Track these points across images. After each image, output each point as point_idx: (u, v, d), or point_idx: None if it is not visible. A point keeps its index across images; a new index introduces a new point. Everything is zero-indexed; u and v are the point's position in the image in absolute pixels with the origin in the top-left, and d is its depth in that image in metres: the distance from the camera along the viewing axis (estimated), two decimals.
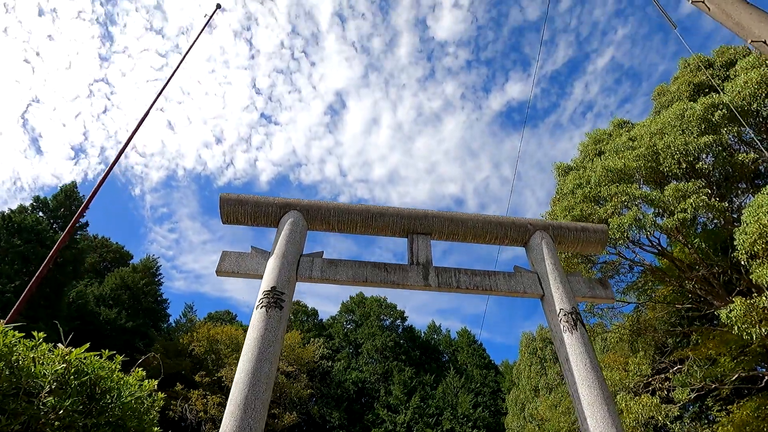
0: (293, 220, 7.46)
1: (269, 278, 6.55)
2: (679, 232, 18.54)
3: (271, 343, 5.84)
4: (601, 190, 17.64)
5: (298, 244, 7.23)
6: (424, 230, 7.84)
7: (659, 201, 16.36)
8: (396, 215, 7.80)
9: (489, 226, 7.91)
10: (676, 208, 15.67)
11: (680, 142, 17.05)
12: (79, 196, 36.28)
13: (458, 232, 7.88)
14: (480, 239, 8.01)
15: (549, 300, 7.03)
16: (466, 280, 7.22)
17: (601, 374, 6.14)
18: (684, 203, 15.45)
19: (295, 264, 6.94)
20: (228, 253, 7.16)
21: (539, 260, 7.56)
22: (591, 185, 18.56)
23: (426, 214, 7.88)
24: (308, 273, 6.96)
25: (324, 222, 7.70)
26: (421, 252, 7.55)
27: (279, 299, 6.31)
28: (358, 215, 7.71)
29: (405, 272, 7.19)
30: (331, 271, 7.03)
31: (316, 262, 7.11)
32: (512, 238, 7.99)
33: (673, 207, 15.88)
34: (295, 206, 7.67)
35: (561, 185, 21.83)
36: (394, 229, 7.83)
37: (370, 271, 7.11)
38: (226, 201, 7.58)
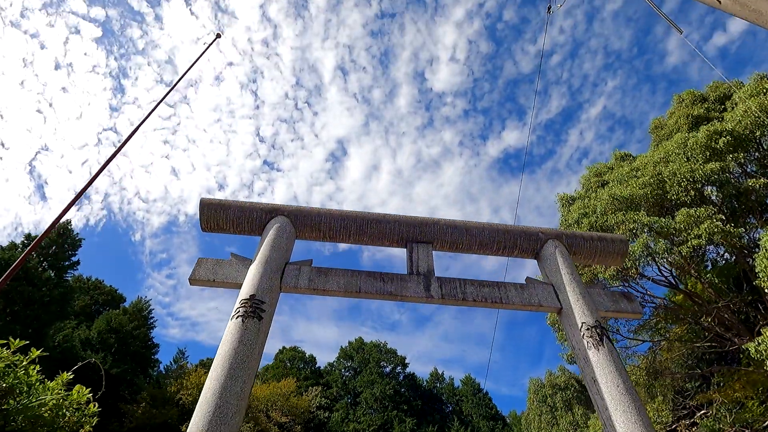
0: (280, 225, 6.74)
1: (248, 286, 5.74)
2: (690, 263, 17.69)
3: (246, 358, 4.94)
4: (608, 218, 16.98)
5: (284, 250, 6.47)
6: (424, 239, 7.09)
7: (670, 228, 15.64)
8: (394, 222, 7.08)
9: (496, 234, 7.17)
10: (689, 235, 14.93)
11: (686, 170, 16.60)
12: (72, 234, 35.62)
13: (462, 241, 7.13)
14: (486, 250, 7.24)
15: (568, 314, 6.16)
16: (473, 291, 6.39)
17: (637, 396, 5.18)
18: (698, 229, 14.73)
19: (279, 272, 6.14)
20: (204, 260, 6.37)
21: (554, 271, 6.76)
22: (597, 214, 17.92)
23: (427, 222, 7.17)
24: (294, 282, 6.14)
25: (314, 229, 6.98)
26: (421, 261, 6.77)
27: (258, 308, 5.47)
28: (352, 222, 7.00)
29: (404, 282, 6.37)
30: (320, 281, 6.22)
31: (304, 271, 6.31)
32: (522, 249, 7.22)
33: (686, 234, 15.15)
34: (282, 211, 6.98)
35: (565, 216, 21.21)
36: (392, 238, 7.08)
37: (365, 281, 6.29)
38: (207, 206, 6.90)
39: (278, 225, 6.74)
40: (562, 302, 6.33)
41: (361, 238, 7.07)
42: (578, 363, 5.86)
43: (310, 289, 6.13)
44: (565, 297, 6.32)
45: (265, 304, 5.58)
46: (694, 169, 16.46)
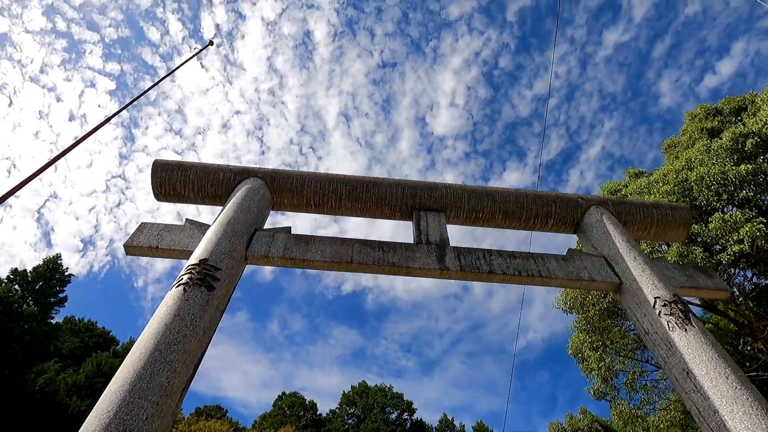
0: (251, 186, 5.31)
1: (201, 250, 4.23)
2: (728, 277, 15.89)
3: (182, 338, 3.36)
4: None
5: (254, 214, 4.99)
6: (435, 206, 5.61)
7: (705, 234, 14.04)
8: (396, 185, 5.64)
9: (525, 201, 5.69)
10: (729, 241, 13.30)
11: (716, 172, 15.21)
12: (61, 270, 34.05)
13: (483, 209, 5.64)
14: (513, 221, 5.73)
15: (632, 289, 4.56)
16: (501, 263, 4.82)
17: (758, 392, 3.51)
18: (737, 234, 13.12)
19: (245, 237, 4.64)
20: (149, 224, 4.89)
21: (603, 240, 5.21)
22: None
23: (438, 186, 5.72)
24: (265, 250, 4.62)
25: (295, 194, 5.52)
26: (432, 230, 5.25)
27: (209, 275, 3.93)
28: (343, 185, 5.56)
29: (410, 252, 4.83)
30: (298, 249, 4.69)
31: (279, 238, 4.81)
32: (558, 218, 5.71)
33: (724, 240, 13.52)
34: (255, 173, 5.57)
35: None
36: (394, 205, 5.60)
37: (358, 251, 4.76)
38: (161, 167, 5.50)
39: (249, 186, 5.31)
40: (622, 276, 4.74)
41: (355, 207, 5.59)
42: (656, 352, 4.20)
43: (286, 260, 4.60)
44: (625, 269, 4.74)
45: (221, 272, 4.05)
46: (725, 171, 15.07)
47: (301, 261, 4.61)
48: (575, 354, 19.82)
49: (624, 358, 20.06)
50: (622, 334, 19.62)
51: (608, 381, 19.57)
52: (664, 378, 21.56)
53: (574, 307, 17.93)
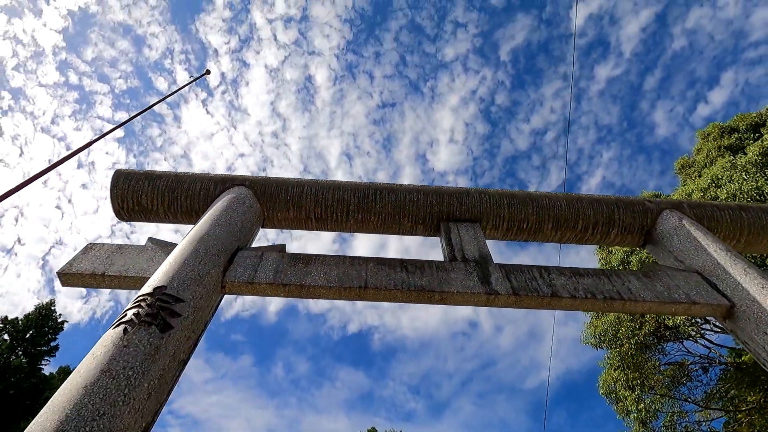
0: (235, 196, 4.18)
1: (159, 275, 3.05)
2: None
3: (110, 409, 2.13)
4: None
5: (237, 229, 3.83)
6: (468, 215, 4.44)
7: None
8: (418, 192, 4.50)
9: (580, 206, 4.52)
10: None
11: (750, 187, 14.06)
12: (54, 316, 32.50)
13: (528, 218, 4.47)
14: (566, 232, 4.54)
15: (751, 313, 3.30)
16: (566, 283, 3.60)
17: None
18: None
19: (223, 257, 3.46)
20: (96, 245, 3.73)
21: (692, 251, 3.99)
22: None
23: (470, 191, 4.58)
24: (249, 275, 3.42)
25: (292, 206, 4.38)
26: (467, 244, 4.06)
27: (165, 309, 2.73)
28: (352, 194, 4.43)
29: (442, 273, 3.62)
30: (295, 273, 3.49)
31: (269, 259, 3.62)
32: (623, 226, 4.51)
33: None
34: (242, 181, 4.46)
35: (605, 258, 18.27)
36: (415, 216, 4.44)
37: (374, 272, 3.55)
38: (123, 177, 4.40)
39: (232, 195, 4.18)
40: (731, 295, 3.49)
41: (366, 220, 4.43)
42: None
43: (278, 286, 3.39)
44: (734, 286, 3.50)
45: (183, 305, 2.84)
46: (760, 185, 13.93)
47: (298, 288, 3.40)
48: (607, 394, 17.94)
49: (660, 397, 18.11)
50: (656, 369, 17.84)
51: (647, 424, 17.58)
52: (709, 420, 19.49)
53: (605, 341, 16.30)
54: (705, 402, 19.25)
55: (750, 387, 18.68)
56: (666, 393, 18.04)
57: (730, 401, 19.46)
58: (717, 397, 19.53)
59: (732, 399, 19.50)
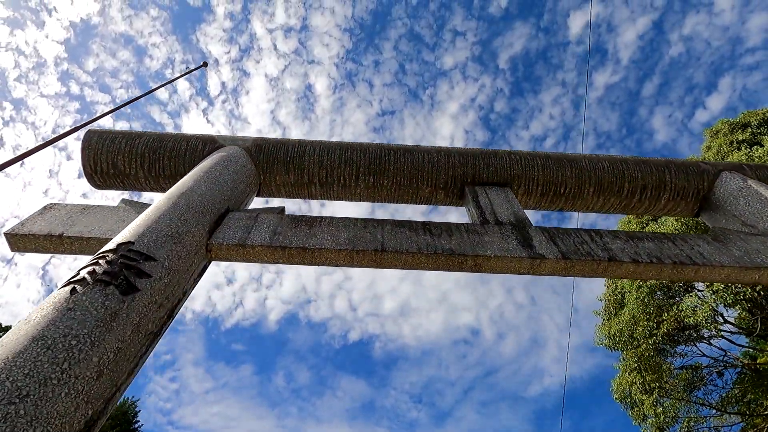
0: (227, 154, 3.57)
1: (126, 233, 2.44)
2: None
3: (42, 391, 1.50)
4: None
5: (228, 188, 3.22)
6: (496, 178, 3.83)
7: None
8: (438, 152, 3.89)
9: (626, 168, 3.91)
10: None
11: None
12: None
13: (567, 181, 3.85)
14: (610, 198, 3.92)
15: None
16: (625, 247, 2.97)
17: None
18: None
19: (209, 216, 2.84)
20: (57, 205, 3.12)
21: (765, 214, 3.38)
22: None
23: (498, 152, 3.97)
24: (241, 236, 2.80)
25: (292, 169, 3.77)
26: (499, 207, 3.44)
27: (131, 267, 2.12)
28: (362, 155, 3.81)
29: (474, 236, 3.00)
30: (296, 236, 2.87)
31: (264, 220, 3.00)
32: (676, 190, 3.90)
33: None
34: (234, 142, 3.85)
35: None
36: (435, 180, 3.82)
37: (392, 234, 2.93)
38: (97, 136, 3.79)
39: (223, 154, 3.57)
40: None
41: (379, 185, 3.82)
42: None
43: (275, 250, 2.77)
44: None
45: (156, 265, 2.22)
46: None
47: (301, 252, 2.77)
48: (622, 399, 17.15)
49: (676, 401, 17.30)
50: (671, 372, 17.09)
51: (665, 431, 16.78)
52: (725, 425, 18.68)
53: (620, 342, 15.58)
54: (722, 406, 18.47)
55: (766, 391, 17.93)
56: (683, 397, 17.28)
57: (747, 405, 18.67)
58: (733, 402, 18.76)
59: (749, 403, 18.72)
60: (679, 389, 17.23)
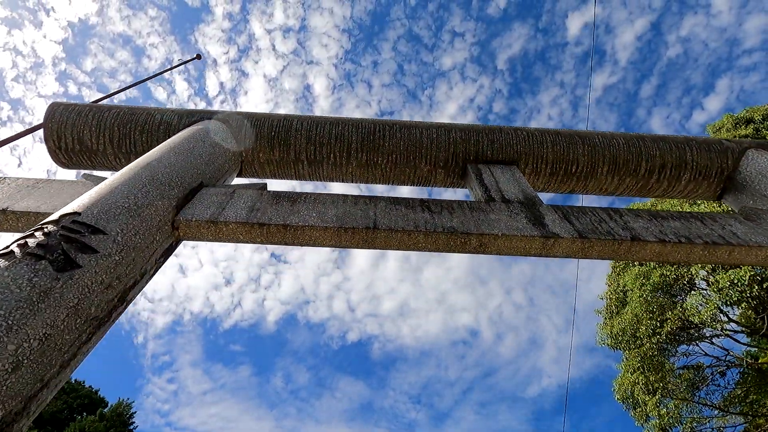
0: (204, 127, 3.23)
1: (74, 205, 2.09)
2: None
3: None
4: None
5: (203, 161, 2.87)
6: (502, 156, 3.49)
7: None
8: (438, 128, 3.55)
9: (643, 146, 3.58)
10: None
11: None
12: None
13: (578, 159, 3.51)
14: (626, 178, 3.59)
15: None
16: (649, 227, 2.64)
17: None
18: None
19: (178, 190, 2.49)
20: (6, 179, 2.77)
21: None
22: None
23: (503, 128, 3.63)
24: (214, 212, 2.45)
25: (278, 145, 3.42)
26: (505, 185, 3.10)
27: (72, 239, 1.77)
28: (354, 130, 3.47)
29: (479, 213, 2.66)
30: (277, 212, 2.52)
31: (242, 196, 2.65)
32: (698, 170, 3.56)
33: None
34: (212, 115, 3.51)
35: None
36: (434, 158, 3.48)
37: (385, 212, 2.59)
38: (63, 109, 3.44)
39: (200, 127, 3.22)
40: None
41: (373, 163, 3.47)
42: None
43: (253, 227, 2.42)
44: None
45: (105, 237, 1.88)
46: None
47: (281, 230, 2.42)
48: (624, 399, 16.83)
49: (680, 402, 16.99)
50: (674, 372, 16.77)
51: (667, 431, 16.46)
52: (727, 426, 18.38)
53: (622, 341, 15.25)
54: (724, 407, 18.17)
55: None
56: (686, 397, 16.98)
57: (750, 406, 18.38)
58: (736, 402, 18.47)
59: (751, 404, 18.42)
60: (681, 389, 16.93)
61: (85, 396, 48.82)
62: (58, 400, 47.13)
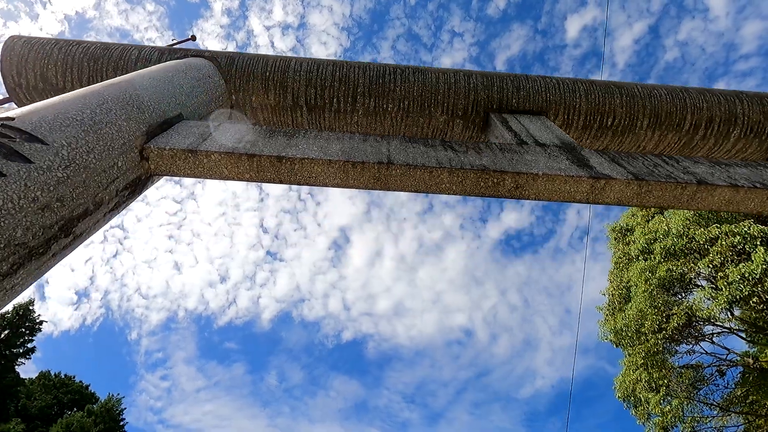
0: (189, 62, 2.78)
1: (11, 112, 1.65)
2: None
3: None
4: (695, 234, 12.80)
5: (183, 92, 2.42)
6: (530, 106, 3.06)
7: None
8: (457, 74, 3.11)
9: (688, 97, 3.15)
10: None
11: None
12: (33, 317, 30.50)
13: (615, 110, 3.09)
14: (668, 133, 3.17)
15: None
16: (712, 172, 2.22)
17: None
18: None
19: (148, 114, 2.05)
20: None
21: None
22: (672, 235, 13.75)
23: (530, 76, 3.20)
24: (193, 141, 2.01)
25: (272, 88, 2.97)
26: (536, 131, 2.68)
27: None
28: (362, 73, 3.03)
29: (511, 154, 2.23)
30: (270, 144, 2.09)
31: (228, 129, 2.21)
32: (749, 126, 3.15)
33: None
34: (200, 54, 3.06)
35: (622, 250, 16.92)
36: (452, 106, 3.05)
37: (400, 149, 2.16)
38: (23, 43, 2.98)
39: (183, 61, 2.78)
40: None
41: (382, 110, 3.03)
42: None
43: (240, 158, 1.98)
44: None
45: (45, 149, 1.43)
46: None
47: (275, 162, 1.98)
48: (625, 397, 16.50)
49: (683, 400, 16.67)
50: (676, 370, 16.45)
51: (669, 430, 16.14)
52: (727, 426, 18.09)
53: (625, 337, 14.89)
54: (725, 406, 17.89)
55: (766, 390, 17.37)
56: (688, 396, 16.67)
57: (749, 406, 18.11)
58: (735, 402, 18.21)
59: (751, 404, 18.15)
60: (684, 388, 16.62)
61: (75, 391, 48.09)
62: (48, 394, 46.39)
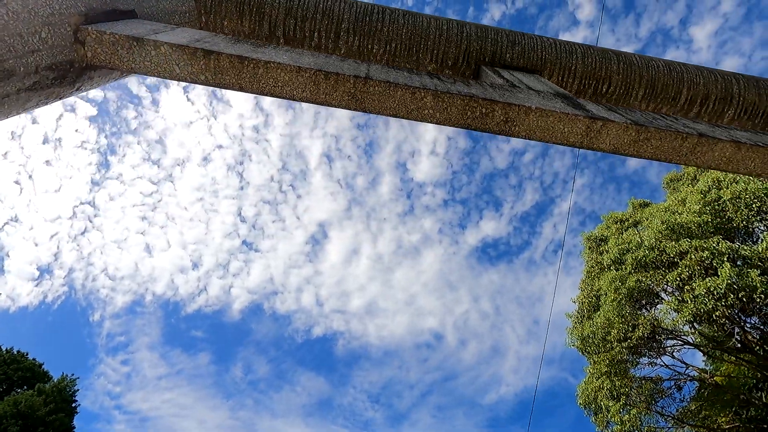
0: None
1: None
2: None
3: None
4: (666, 247, 13.02)
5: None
6: (523, 62, 2.87)
7: (755, 256, 11.76)
8: (450, 22, 2.90)
9: (686, 71, 3.03)
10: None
11: (756, 188, 13.21)
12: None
13: (612, 77, 2.93)
14: (661, 107, 3.04)
15: None
16: (713, 129, 2.07)
17: None
18: None
19: (99, 0, 1.76)
20: None
21: None
22: (644, 247, 13.97)
23: (527, 35, 3.02)
24: (142, 32, 1.73)
25: (248, 12, 2.68)
26: (532, 83, 2.49)
27: None
28: (348, 9, 2.78)
29: (502, 90, 2.03)
30: (234, 47, 1.82)
31: (188, 32, 1.93)
32: (744, 106, 3.05)
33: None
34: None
35: (594, 259, 17.14)
36: (444, 53, 2.83)
37: (382, 70, 1.92)
38: None
39: None
40: None
41: (366, 51, 2.79)
42: None
43: (197, 54, 1.71)
44: None
45: None
46: (766, 186, 13.08)
47: (237, 63, 1.71)
48: (586, 404, 16.71)
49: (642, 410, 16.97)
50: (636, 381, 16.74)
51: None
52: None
53: (591, 344, 15.08)
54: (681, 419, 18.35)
55: (723, 408, 17.92)
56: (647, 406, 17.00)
57: (702, 420, 18.63)
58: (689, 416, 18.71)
59: (704, 419, 18.68)
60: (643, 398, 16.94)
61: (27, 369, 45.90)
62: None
